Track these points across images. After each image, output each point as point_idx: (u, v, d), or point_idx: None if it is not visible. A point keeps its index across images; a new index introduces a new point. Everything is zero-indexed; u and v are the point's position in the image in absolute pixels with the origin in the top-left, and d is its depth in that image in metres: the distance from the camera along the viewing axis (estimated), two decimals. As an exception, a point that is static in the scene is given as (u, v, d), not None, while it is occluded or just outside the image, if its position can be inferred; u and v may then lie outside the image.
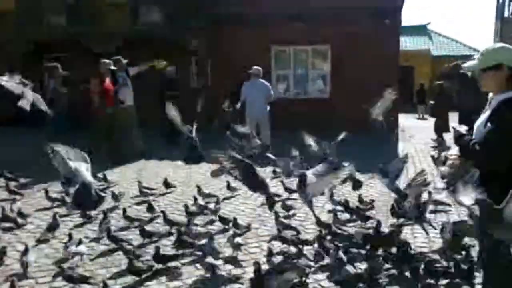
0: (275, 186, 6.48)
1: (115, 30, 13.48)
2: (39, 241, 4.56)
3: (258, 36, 13.05)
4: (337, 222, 4.83)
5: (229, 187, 6.34)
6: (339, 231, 4.62)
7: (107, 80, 8.99)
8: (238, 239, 4.27)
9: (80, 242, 4.19)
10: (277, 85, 13.85)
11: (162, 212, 4.94)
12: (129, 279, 3.74)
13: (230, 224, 4.85)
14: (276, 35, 13.13)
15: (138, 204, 5.92)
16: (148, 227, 4.82)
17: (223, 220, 4.96)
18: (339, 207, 5.39)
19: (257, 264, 3.32)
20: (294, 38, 13.19)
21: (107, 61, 9.11)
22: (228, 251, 4.24)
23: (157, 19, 13.67)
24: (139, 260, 3.87)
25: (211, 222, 5.15)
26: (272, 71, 13.81)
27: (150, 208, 5.31)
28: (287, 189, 6.17)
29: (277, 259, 4.07)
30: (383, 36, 12.50)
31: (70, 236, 4.25)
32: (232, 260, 4.06)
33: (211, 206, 5.52)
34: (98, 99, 8.91)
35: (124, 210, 5.11)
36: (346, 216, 5.25)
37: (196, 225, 4.95)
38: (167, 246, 4.39)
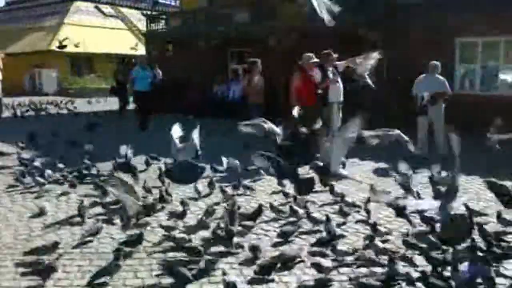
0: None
1: (293, 25, 13.91)
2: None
3: (440, 27, 12.04)
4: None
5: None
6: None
7: (314, 73, 8.53)
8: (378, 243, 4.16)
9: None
10: (460, 80, 12.77)
11: (306, 212, 5.03)
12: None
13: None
14: (461, 26, 11.93)
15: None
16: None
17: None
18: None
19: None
20: (483, 28, 11.81)
21: (310, 54, 8.63)
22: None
23: (335, 12, 13.60)
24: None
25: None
26: (455, 65, 12.67)
27: (293, 210, 5.23)
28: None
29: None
30: None
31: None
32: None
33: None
34: (295, 93, 8.43)
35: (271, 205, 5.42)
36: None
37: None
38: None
